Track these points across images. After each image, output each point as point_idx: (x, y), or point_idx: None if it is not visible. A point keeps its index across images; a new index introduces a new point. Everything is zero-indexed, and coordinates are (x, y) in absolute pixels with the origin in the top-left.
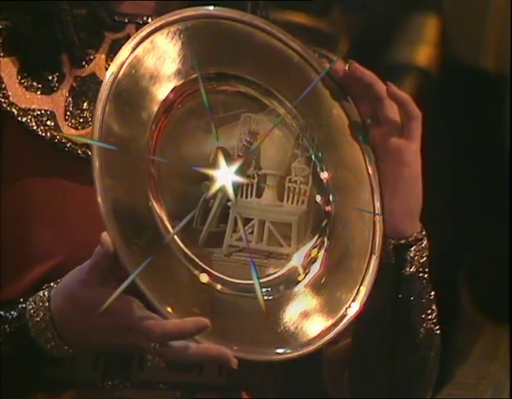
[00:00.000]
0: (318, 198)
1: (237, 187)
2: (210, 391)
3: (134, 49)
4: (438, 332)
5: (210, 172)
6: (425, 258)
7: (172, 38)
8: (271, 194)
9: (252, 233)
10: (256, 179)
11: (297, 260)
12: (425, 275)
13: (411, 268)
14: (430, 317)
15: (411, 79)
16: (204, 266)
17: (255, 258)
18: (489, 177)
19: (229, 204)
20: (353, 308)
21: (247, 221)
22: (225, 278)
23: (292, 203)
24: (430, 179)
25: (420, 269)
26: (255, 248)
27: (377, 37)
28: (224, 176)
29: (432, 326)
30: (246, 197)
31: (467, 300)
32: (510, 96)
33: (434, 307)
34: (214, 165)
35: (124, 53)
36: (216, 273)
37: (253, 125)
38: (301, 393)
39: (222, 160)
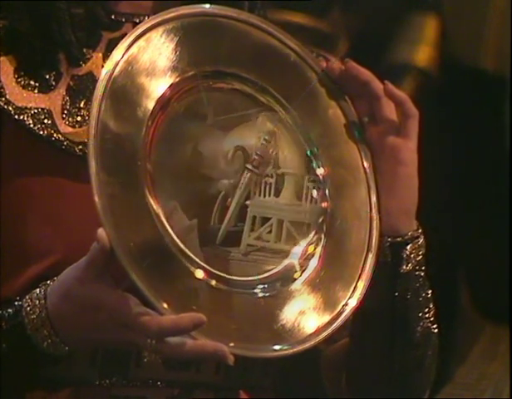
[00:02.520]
0: (314, 193)
1: (255, 186)
2: (208, 389)
3: (129, 47)
4: (436, 330)
5: (229, 171)
6: (421, 256)
7: (168, 36)
8: (289, 194)
9: (270, 232)
10: (274, 179)
11: (293, 257)
12: (422, 273)
13: (407, 265)
14: (427, 315)
15: (410, 79)
16: (199, 262)
17: (273, 257)
18: (489, 177)
19: (247, 203)
20: (350, 305)
21: (265, 220)
22: (221, 274)
23: (310, 202)
24: (430, 179)
25: (417, 267)
26: (273, 248)
27: (377, 37)
28: (243, 175)
29: (430, 324)
30: (264, 196)
31: (466, 300)
32: (510, 96)
33: (431, 306)
34: (232, 163)
35: (119, 51)
36: (211, 269)
37: (271, 124)
38: (299, 393)
39: (241, 159)
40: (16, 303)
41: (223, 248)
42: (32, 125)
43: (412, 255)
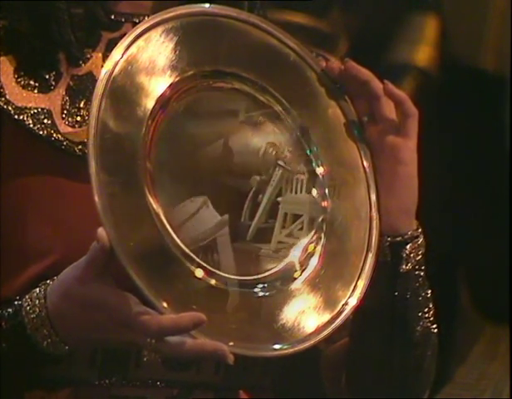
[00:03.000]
0: (314, 192)
1: (286, 183)
2: (208, 389)
3: (129, 46)
4: (435, 330)
5: (260, 167)
6: (420, 256)
7: (167, 36)
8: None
9: (301, 229)
10: (306, 175)
11: (294, 256)
12: (422, 273)
13: (406, 265)
14: (426, 315)
15: (410, 79)
16: (199, 261)
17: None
18: (489, 177)
19: (279, 199)
20: (350, 304)
21: (296, 217)
22: (220, 273)
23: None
24: (430, 179)
25: (417, 267)
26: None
27: (377, 37)
28: (274, 172)
29: (429, 324)
30: (296, 193)
31: (467, 300)
32: (510, 96)
33: (431, 306)
34: (264, 159)
35: (119, 50)
36: (211, 269)
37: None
38: (299, 393)
39: (272, 155)
40: (15, 303)
41: (253, 245)
42: (31, 125)
43: (412, 255)
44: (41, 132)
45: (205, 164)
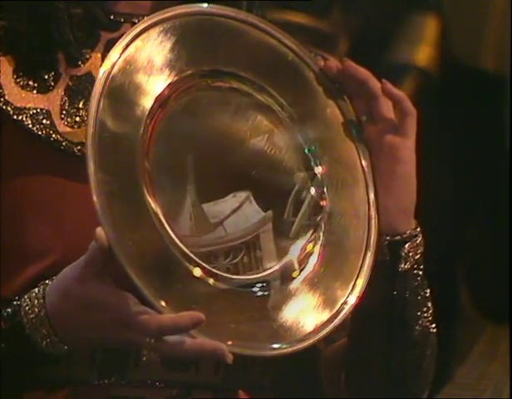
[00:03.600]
0: (313, 191)
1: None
2: (207, 389)
3: (127, 46)
4: (434, 330)
5: (304, 164)
6: (419, 255)
7: (165, 35)
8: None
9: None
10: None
11: (292, 255)
12: (420, 272)
13: (405, 264)
14: (425, 314)
15: (410, 79)
16: (197, 260)
17: None
18: (489, 177)
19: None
20: (349, 303)
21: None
22: (219, 272)
23: None
24: (430, 179)
25: (415, 266)
26: None
27: (377, 37)
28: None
29: (428, 324)
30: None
31: (467, 300)
32: (510, 96)
33: (429, 305)
34: (308, 156)
35: (117, 50)
36: (210, 268)
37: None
38: (298, 393)
39: (316, 152)
40: (14, 303)
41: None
42: (30, 126)
43: (411, 254)
44: (40, 132)
45: (245, 160)
